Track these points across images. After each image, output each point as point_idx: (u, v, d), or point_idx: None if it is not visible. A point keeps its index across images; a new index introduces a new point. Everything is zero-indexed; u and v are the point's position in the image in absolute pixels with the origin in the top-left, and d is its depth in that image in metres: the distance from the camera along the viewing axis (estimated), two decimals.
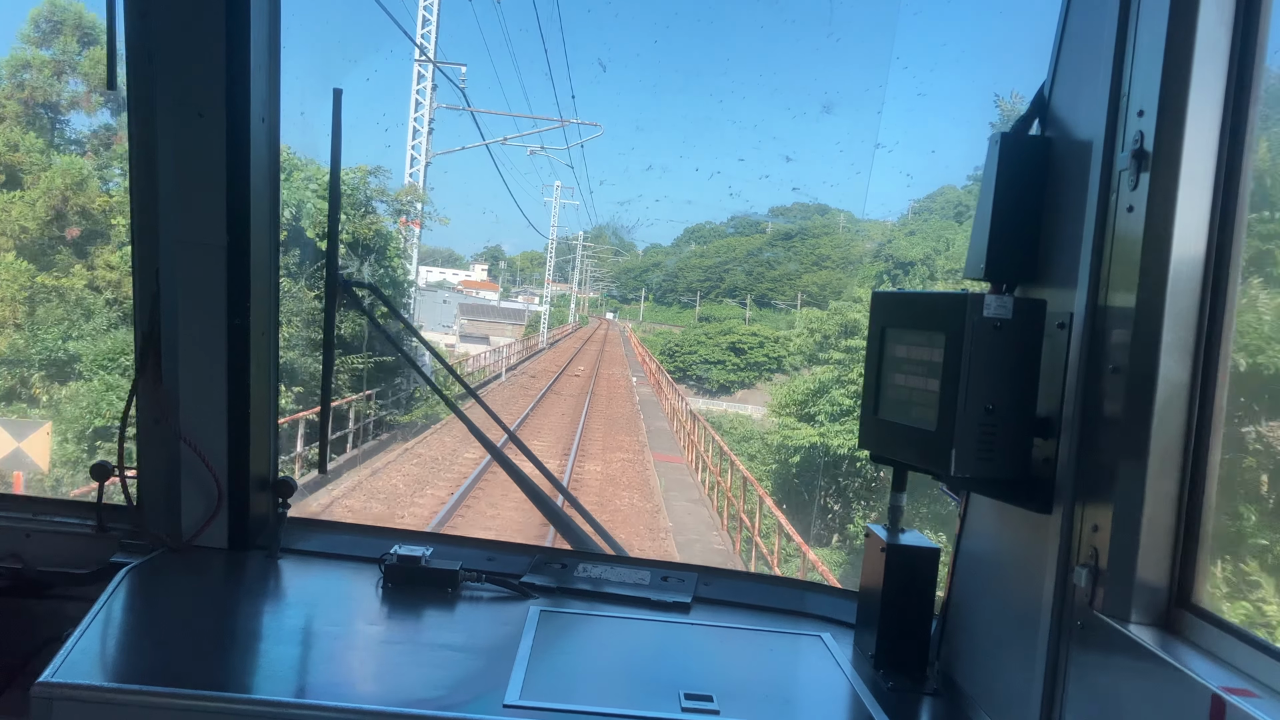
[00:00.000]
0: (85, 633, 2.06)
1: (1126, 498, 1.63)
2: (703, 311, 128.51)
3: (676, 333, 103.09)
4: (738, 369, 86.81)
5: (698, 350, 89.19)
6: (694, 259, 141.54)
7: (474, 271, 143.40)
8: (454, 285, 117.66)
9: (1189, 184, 1.60)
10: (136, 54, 2.48)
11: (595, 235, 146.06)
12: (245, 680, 2.02)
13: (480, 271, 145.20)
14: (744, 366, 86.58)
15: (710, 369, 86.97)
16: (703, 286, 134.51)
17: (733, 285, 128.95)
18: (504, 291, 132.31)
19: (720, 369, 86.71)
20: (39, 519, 2.74)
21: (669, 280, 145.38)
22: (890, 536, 2.24)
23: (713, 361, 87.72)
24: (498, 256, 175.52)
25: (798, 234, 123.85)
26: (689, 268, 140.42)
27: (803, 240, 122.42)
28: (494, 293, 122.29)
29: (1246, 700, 1.33)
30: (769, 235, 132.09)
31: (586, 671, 2.18)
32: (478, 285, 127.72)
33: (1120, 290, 1.67)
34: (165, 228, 2.55)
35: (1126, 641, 1.58)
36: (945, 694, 2.15)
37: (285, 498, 2.77)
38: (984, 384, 1.79)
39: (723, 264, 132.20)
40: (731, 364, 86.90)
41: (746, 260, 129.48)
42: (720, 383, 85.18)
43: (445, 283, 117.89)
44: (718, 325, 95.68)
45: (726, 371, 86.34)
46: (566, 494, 3.27)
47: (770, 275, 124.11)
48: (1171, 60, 1.59)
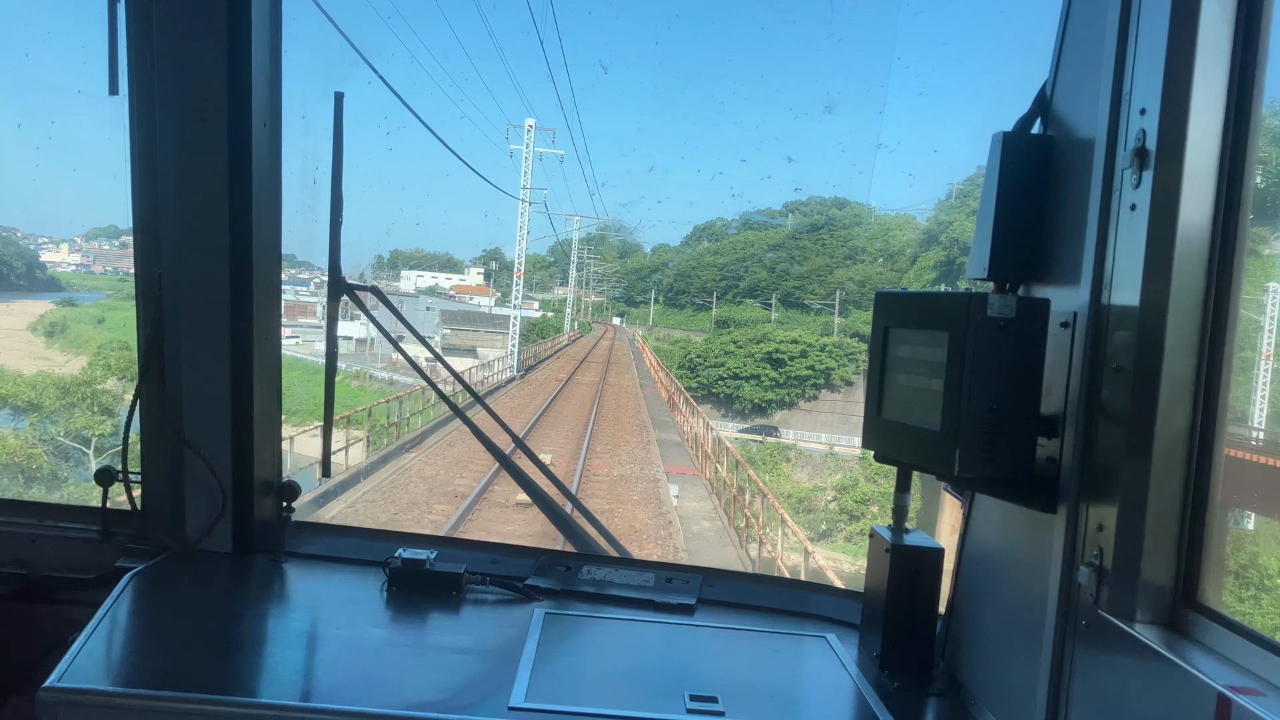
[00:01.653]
0: (90, 638, 2.06)
1: (1131, 496, 1.62)
2: (720, 314, 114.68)
3: (698, 341, 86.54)
4: (775, 385, 70.63)
5: (725, 362, 72.70)
6: (707, 256, 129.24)
7: (469, 276, 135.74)
8: (446, 290, 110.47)
9: (1192, 182, 1.59)
10: (138, 60, 2.49)
11: (599, 237, 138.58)
12: (251, 684, 2.02)
13: (476, 276, 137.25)
14: (783, 382, 70.48)
15: (741, 385, 71.01)
16: (719, 286, 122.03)
17: (753, 284, 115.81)
18: (500, 297, 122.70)
19: (754, 385, 70.93)
20: (44, 524, 2.75)
21: (680, 280, 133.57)
22: (894, 537, 2.23)
23: (744, 376, 71.32)
24: (497, 260, 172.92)
25: (824, 225, 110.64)
26: (702, 266, 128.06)
27: (830, 232, 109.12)
28: (489, 298, 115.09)
29: (1253, 699, 1.33)
30: (790, 228, 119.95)
31: (591, 673, 2.18)
32: (471, 290, 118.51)
33: (1124, 289, 1.67)
34: (168, 232, 2.56)
35: (1132, 641, 1.58)
36: (951, 694, 2.14)
37: (289, 501, 2.77)
38: (988, 383, 1.79)
39: (740, 261, 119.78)
40: (768, 379, 70.87)
41: (767, 256, 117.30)
42: (754, 402, 69.82)
43: (436, 288, 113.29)
44: (748, 331, 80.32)
45: (762, 388, 70.71)
46: (571, 497, 3.27)
47: (797, 272, 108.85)
48: (1173, 58, 1.59)
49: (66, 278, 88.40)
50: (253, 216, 2.54)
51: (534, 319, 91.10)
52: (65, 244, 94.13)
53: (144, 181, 2.56)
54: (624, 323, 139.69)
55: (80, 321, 70.07)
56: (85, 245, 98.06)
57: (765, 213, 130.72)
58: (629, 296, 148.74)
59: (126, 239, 78.35)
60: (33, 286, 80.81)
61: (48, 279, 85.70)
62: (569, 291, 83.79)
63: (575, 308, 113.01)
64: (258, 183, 2.54)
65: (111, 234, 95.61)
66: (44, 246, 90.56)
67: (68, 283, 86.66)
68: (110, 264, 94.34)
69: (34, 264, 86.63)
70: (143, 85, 2.50)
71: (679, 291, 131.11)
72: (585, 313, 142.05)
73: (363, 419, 24.85)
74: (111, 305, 76.75)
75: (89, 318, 71.95)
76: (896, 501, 2.25)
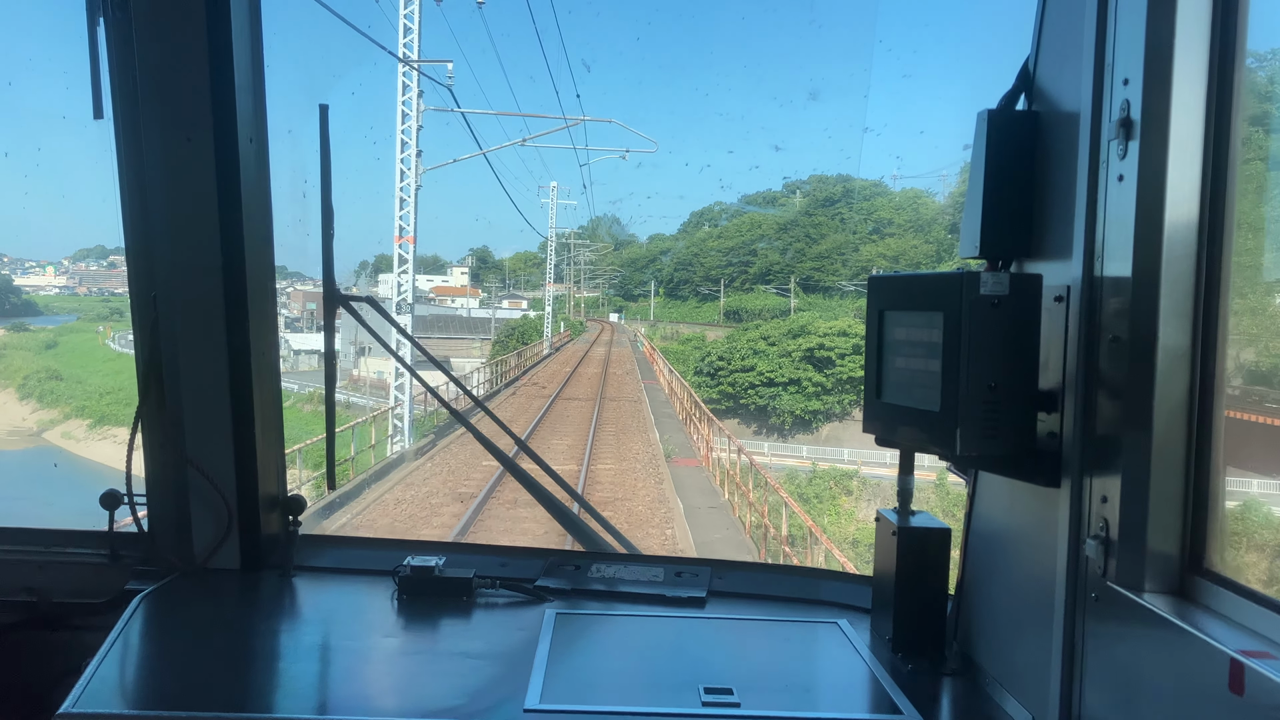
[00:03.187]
0: (104, 661, 2.06)
1: (1133, 467, 1.63)
2: (730, 303, 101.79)
3: (716, 338, 69.92)
4: (821, 391, 56.53)
5: (755, 364, 57.97)
6: (710, 241, 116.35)
7: (452, 276, 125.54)
8: (425, 294, 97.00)
9: (1178, 150, 1.60)
10: (122, 82, 2.49)
11: (591, 230, 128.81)
12: (265, 699, 2.02)
13: (460, 276, 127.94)
14: (830, 386, 56.41)
15: (778, 394, 56.66)
16: (725, 273, 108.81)
17: (765, 268, 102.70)
18: (484, 299, 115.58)
19: (793, 393, 56.51)
20: (51, 551, 2.75)
21: (681, 270, 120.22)
22: (900, 519, 2.24)
23: (780, 382, 57.22)
24: (485, 259, 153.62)
25: (841, 199, 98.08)
26: (705, 252, 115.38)
27: (849, 205, 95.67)
28: (473, 299, 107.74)
29: (1265, 662, 1.33)
30: (800, 204, 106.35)
31: (605, 671, 2.18)
32: (453, 292, 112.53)
33: (1116, 260, 1.67)
34: (160, 253, 2.56)
35: (1141, 611, 1.58)
36: (965, 673, 2.15)
37: (296, 515, 2.77)
38: (985, 361, 1.79)
39: (748, 244, 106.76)
40: (811, 383, 56.72)
41: (780, 235, 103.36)
42: (795, 414, 55.49)
43: (416, 290, 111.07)
44: (781, 324, 64.85)
45: (803, 396, 56.71)
46: (577, 496, 3.28)
47: (814, 251, 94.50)
48: (1154, 26, 1.59)
49: (47, 300, 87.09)
50: (244, 232, 2.54)
51: (514, 321, 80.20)
52: (51, 267, 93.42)
53: (133, 203, 2.56)
54: (623, 319, 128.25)
55: (21, 349, 66.27)
56: (72, 267, 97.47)
57: (766, 195, 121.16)
58: (626, 290, 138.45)
59: (115, 259, 76.99)
60: (3, 312, 78.83)
61: (23, 303, 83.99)
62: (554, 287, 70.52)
63: (559, 306, 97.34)
64: (247, 198, 2.54)
65: (99, 254, 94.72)
66: (31, 270, 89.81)
67: (46, 306, 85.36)
68: (97, 285, 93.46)
69: (7, 288, 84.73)
70: (127, 107, 2.50)
71: (680, 282, 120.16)
72: (579, 310, 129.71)
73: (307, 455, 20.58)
74: (74, 328, 73.76)
75: (36, 344, 68.50)
76: (901, 484, 2.26)
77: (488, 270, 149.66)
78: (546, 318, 66.59)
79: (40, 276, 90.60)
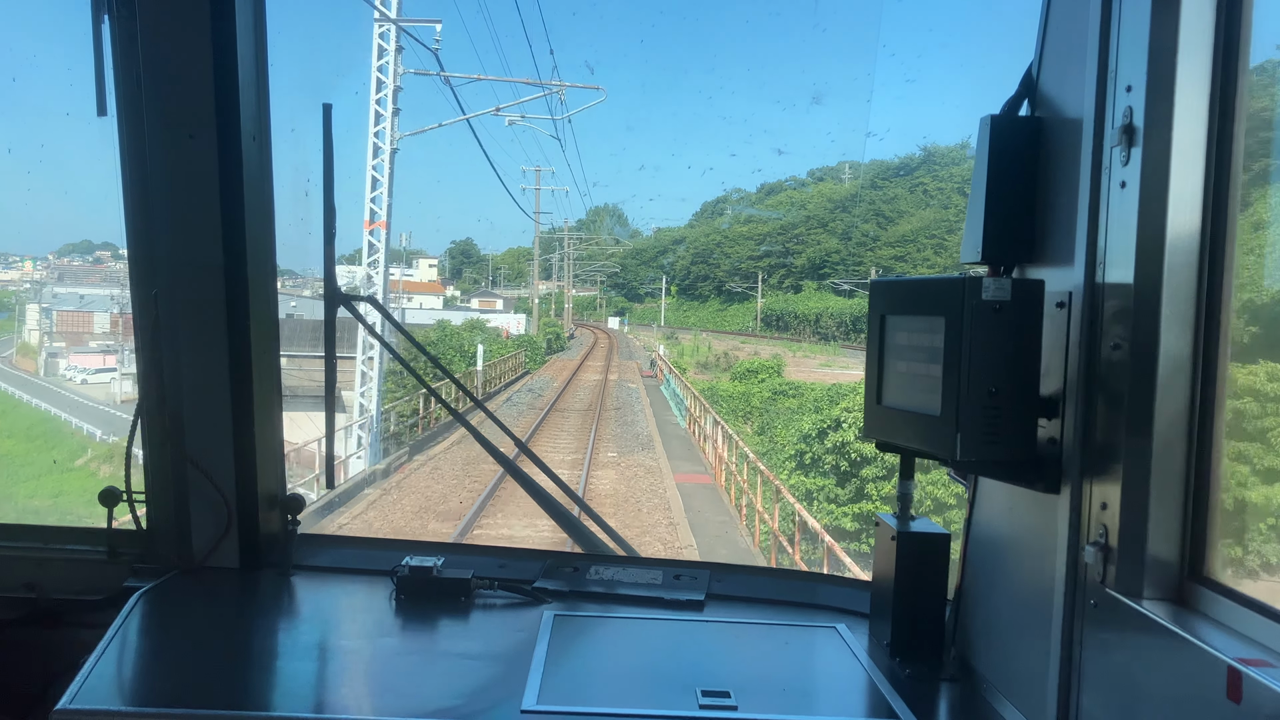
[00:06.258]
0: (101, 658, 2.06)
1: (1133, 473, 1.63)
2: (769, 305, 78.76)
3: (767, 356, 46.57)
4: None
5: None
6: (737, 227, 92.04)
7: (418, 269, 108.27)
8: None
9: (1181, 157, 1.60)
10: (125, 79, 2.48)
11: (589, 222, 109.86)
12: (262, 698, 2.02)
13: (428, 269, 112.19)
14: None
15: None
16: (760, 266, 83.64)
17: (816, 259, 76.41)
18: (453, 297, 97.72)
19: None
20: (50, 547, 2.74)
21: (700, 262, 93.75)
22: (900, 524, 2.24)
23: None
24: (468, 253, 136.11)
25: (921, 165, 72.75)
26: (730, 241, 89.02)
27: (930, 171, 72.97)
28: (437, 297, 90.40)
29: (1264, 670, 1.33)
30: (863, 176, 79.89)
31: (603, 673, 2.18)
32: (419, 288, 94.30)
33: (1117, 267, 1.67)
34: (161, 251, 2.55)
35: (1140, 618, 1.58)
36: (962, 679, 2.15)
37: (295, 514, 2.77)
38: (986, 367, 1.79)
39: (789, 227, 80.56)
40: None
41: (837, 216, 76.98)
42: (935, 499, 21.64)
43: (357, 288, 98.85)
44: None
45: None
46: (576, 498, 3.28)
47: (895, 233, 71.59)
48: (1157, 33, 1.59)
49: (7, 296, 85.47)
50: (246, 231, 2.54)
51: (433, 331, 58.26)
52: (29, 261, 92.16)
53: (136, 201, 2.55)
54: (626, 324, 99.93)
55: None
56: (55, 262, 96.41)
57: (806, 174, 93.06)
58: (630, 288, 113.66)
59: (101, 254, 75.26)
60: None
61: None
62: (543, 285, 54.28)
63: (543, 308, 78.90)
64: (249, 197, 2.54)
65: (85, 249, 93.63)
66: (14, 265, 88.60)
67: (4, 301, 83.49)
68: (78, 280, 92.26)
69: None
70: (130, 104, 2.50)
71: (699, 278, 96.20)
72: (573, 314, 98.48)
73: None
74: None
75: None
76: (901, 489, 2.26)
77: (471, 265, 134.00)
78: (479, 357, 37.19)
79: (16, 271, 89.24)
